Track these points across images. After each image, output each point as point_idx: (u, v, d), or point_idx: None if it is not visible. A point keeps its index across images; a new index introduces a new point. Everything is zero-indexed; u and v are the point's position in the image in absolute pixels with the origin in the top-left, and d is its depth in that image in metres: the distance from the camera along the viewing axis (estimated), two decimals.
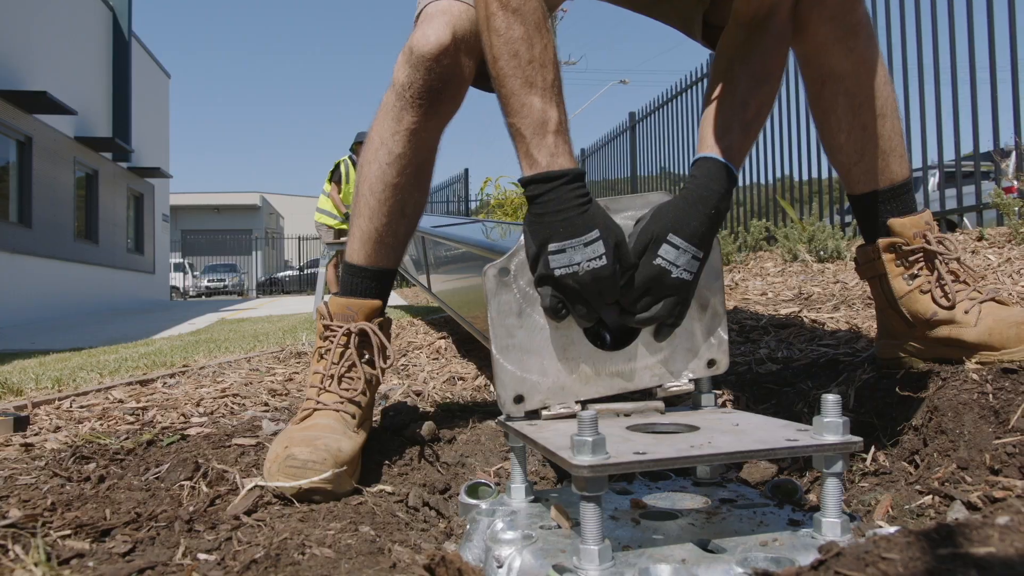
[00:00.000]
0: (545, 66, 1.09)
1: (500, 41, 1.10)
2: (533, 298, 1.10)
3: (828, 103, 1.39)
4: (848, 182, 1.44)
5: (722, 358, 1.19)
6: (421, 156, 1.43)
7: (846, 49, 1.34)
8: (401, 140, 1.41)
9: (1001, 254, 2.86)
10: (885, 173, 1.39)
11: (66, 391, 2.44)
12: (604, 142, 11.42)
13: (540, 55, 1.09)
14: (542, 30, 1.10)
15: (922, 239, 1.35)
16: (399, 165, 1.42)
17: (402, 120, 1.40)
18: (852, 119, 1.38)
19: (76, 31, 14.41)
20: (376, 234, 1.45)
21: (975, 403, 1.15)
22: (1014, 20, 4.27)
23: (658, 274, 1.08)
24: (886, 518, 1.03)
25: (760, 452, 0.91)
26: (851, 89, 1.36)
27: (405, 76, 1.38)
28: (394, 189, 1.44)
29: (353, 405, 1.35)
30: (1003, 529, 0.61)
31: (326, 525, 1.05)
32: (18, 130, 11.98)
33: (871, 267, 1.42)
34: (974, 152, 4.70)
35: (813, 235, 4.36)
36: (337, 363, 1.38)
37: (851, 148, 1.39)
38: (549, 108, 1.08)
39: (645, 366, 1.16)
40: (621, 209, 1.14)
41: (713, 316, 1.18)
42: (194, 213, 39.37)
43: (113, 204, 16.53)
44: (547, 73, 1.09)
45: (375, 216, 1.45)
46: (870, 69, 1.36)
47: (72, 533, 1.01)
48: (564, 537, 0.95)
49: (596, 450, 0.84)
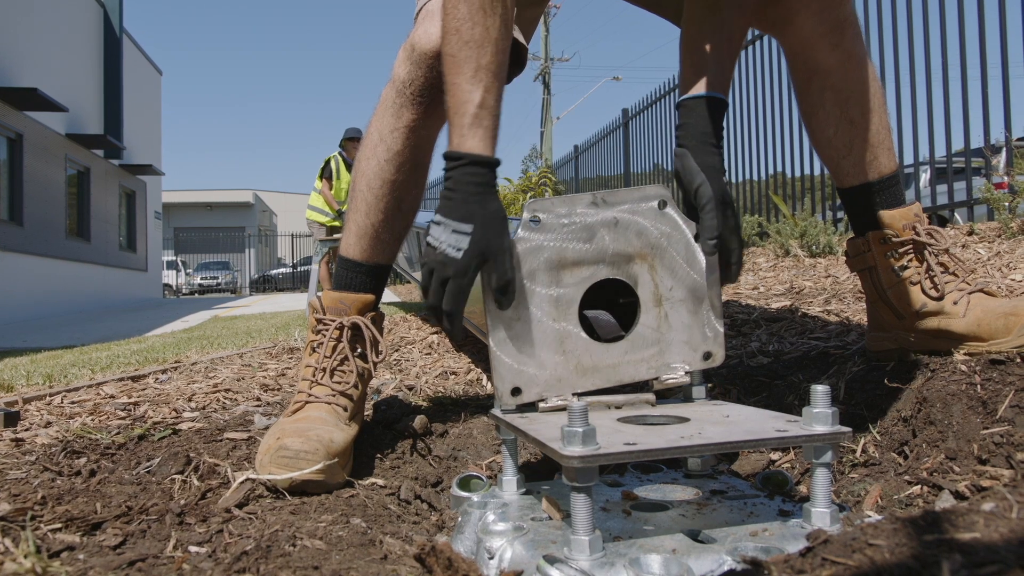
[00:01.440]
0: (482, 47, 1.10)
1: (448, 19, 1.13)
2: (530, 291, 1.11)
3: (816, 98, 1.40)
4: (837, 175, 1.44)
5: (718, 351, 1.20)
6: (420, 153, 1.44)
7: (832, 44, 1.34)
8: (400, 137, 1.41)
9: (991, 248, 2.88)
10: (874, 166, 1.40)
11: (57, 387, 2.43)
12: (597, 139, 11.41)
13: (480, 36, 1.11)
14: (486, 11, 1.11)
15: (911, 231, 1.36)
16: (398, 162, 1.42)
17: (402, 117, 1.40)
18: (840, 113, 1.38)
19: (67, 28, 14.33)
20: (372, 230, 1.45)
21: (963, 394, 1.16)
22: (1004, 17, 4.29)
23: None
24: (875, 508, 1.04)
25: (749, 442, 0.92)
26: (838, 84, 1.37)
27: (406, 73, 1.38)
28: (392, 185, 1.44)
29: (345, 398, 1.35)
30: (988, 515, 0.61)
31: (317, 517, 1.05)
32: (9, 127, 11.91)
33: (861, 259, 1.43)
34: (965, 148, 4.73)
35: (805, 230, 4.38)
36: (330, 356, 1.38)
37: (840, 142, 1.40)
38: (474, 90, 1.10)
39: (641, 358, 1.16)
40: (617, 202, 1.14)
41: (710, 309, 1.18)
42: (187, 210, 39.22)
43: (105, 201, 16.45)
44: (483, 55, 1.11)
45: (372, 212, 1.45)
46: (857, 64, 1.37)
47: (63, 526, 1.01)
48: (555, 528, 0.95)
49: (586, 441, 0.84)
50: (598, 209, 1.13)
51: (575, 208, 1.12)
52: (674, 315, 1.17)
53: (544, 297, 1.11)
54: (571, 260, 1.12)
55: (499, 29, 1.12)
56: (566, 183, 12.56)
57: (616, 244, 1.14)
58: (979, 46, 4.43)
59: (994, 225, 3.55)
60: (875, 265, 1.40)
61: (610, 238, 1.13)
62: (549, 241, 1.11)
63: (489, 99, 1.11)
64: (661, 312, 1.16)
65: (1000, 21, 4.29)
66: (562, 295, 1.12)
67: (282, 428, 1.26)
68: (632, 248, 1.15)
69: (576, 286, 1.13)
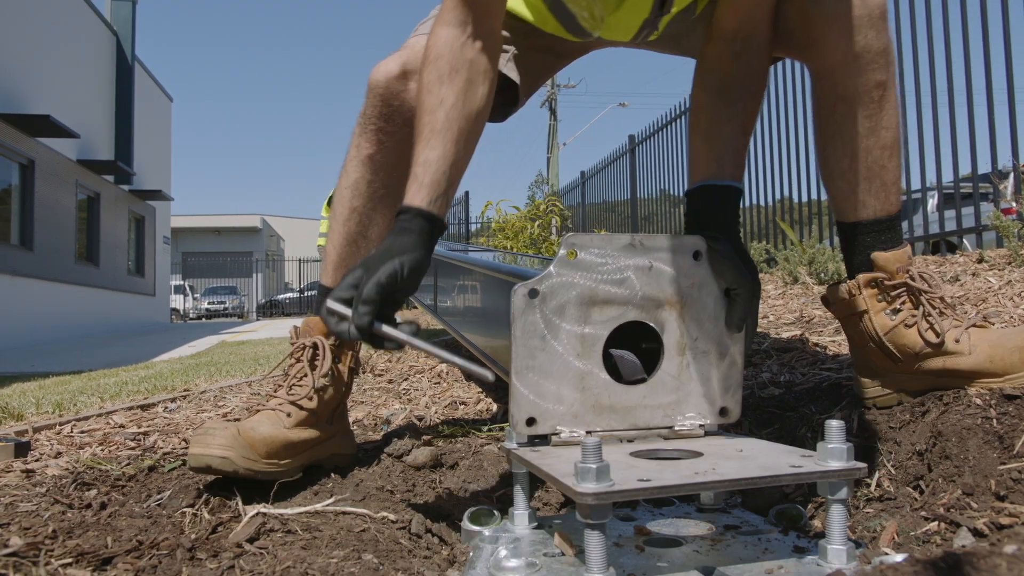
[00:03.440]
0: (435, 112, 1.22)
1: (419, 85, 1.26)
2: (556, 325, 1.11)
3: (838, 125, 1.35)
4: (842, 208, 1.39)
5: (734, 408, 1.19)
6: (379, 180, 1.51)
7: (863, 71, 1.29)
8: (358, 166, 1.51)
9: (1002, 276, 2.86)
10: (883, 203, 1.36)
11: (67, 416, 2.44)
12: (604, 164, 11.46)
13: (433, 104, 1.23)
14: (443, 80, 1.23)
15: (905, 274, 1.32)
16: (358, 189, 1.51)
17: (360, 147, 1.50)
18: (860, 144, 1.33)
19: (79, 56, 14.53)
20: (337, 257, 1.54)
21: (979, 428, 1.15)
22: (1009, 42, 4.31)
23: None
24: (892, 545, 1.02)
25: (764, 479, 0.91)
26: (863, 114, 1.32)
27: (363, 105, 1.49)
28: (353, 213, 1.52)
29: (293, 406, 1.44)
30: (1011, 558, 0.60)
31: (329, 553, 1.04)
32: (21, 153, 12.04)
33: (847, 304, 1.37)
34: (972, 173, 4.72)
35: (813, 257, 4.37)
36: (290, 374, 1.49)
37: (853, 174, 1.35)
38: (422, 151, 1.21)
39: (659, 405, 1.16)
40: (654, 247, 1.14)
41: (731, 365, 1.18)
42: (195, 235, 39.42)
43: (114, 227, 16.57)
44: (434, 119, 1.22)
45: (337, 240, 1.54)
46: (885, 96, 1.32)
47: (73, 561, 1.01)
48: (568, 565, 0.94)
49: (600, 477, 0.84)
50: (634, 251, 1.13)
51: (612, 248, 1.12)
52: (696, 366, 1.17)
53: (570, 332, 1.11)
54: (601, 299, 1.12)
55: (456, 95, 1.23)
56: (572, 209, 12.59)
57: (647, 288, 1.14)
58: (984, 70, 4.45)
59: (1003, 252, 3.53)
60: (867, 310, 1.35)
61: (642, 282, 1.13)
62: (582, 278, 1.11)
63: (432, 156, 1.20)
64: (684, 361, 1.16)
65: (1005, 45, 4.30)
66: (588, 333, 1.12)
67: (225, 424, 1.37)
68: (663, 294, 1.15)
69: (603, 325, 1.13)
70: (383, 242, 1.18)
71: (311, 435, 1.44)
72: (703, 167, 1.28)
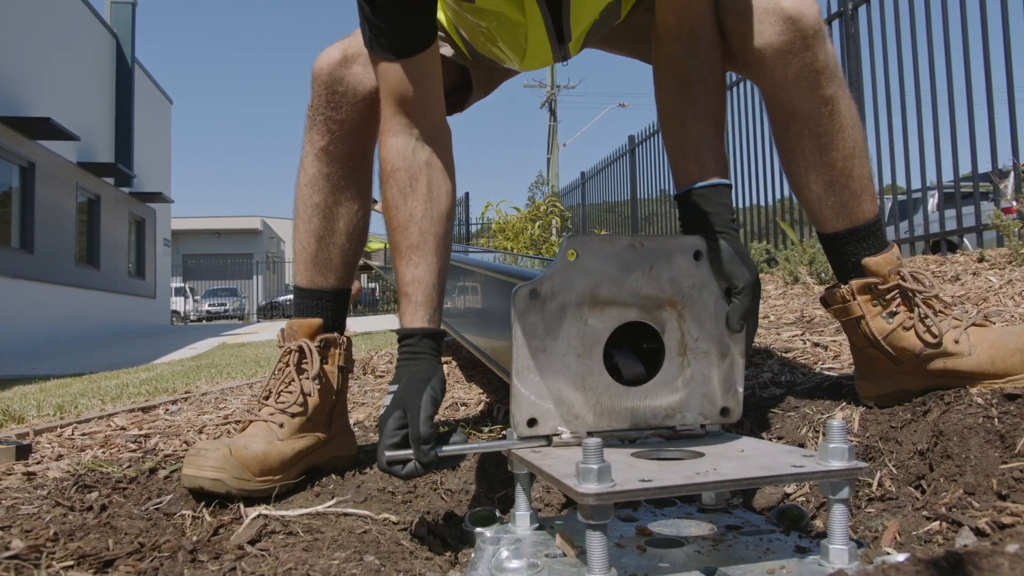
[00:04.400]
0: (407, 229, 1.24)
1: (383, 201, 1.28)
2: (556, 326, 1.11)
3: (794, 142, 1.35)
4: (818, 220, 1.40)
5: (735, 407, 1.19)
6: (337, 171, 1.49)
7: (807, 89, 1.30)
8: (314, 160, 1.49)
9: (1002, 275, 2.86)
10: (857, 212, 1.35)
11: (68, 418, 2.44)
12: (604, 165, 11.46)
13: (404, 220, 1.25)
14: (406, 194, 1.25)
15: (897, 276, 1.32)
16: (316, 185, 1.49)
17: (313, 140, 1.48)
18: (820, 158, 1.34)
19: (79, 58, 14.53)
20: (306, 254, 1.52)
21: (980, 427, 1.14)
22: (1009, 42, 4.31)
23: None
24: (894, 544, 1.02)
25: (766, 479, 0.91)
26: (816, 129, 1.32)
27: (310, 98, 1.47)
28: (315, 209, 1.50)
29: (284, 415, 1.42)
30: (1013, 558, 0.60)
31: (330, 555, 1.04)
32: (21, 156, 12.04)
33: (845, 309, 1.37)
34: (973, 173, 4.72)
35: (814, 257, 4.36)
36: (278, 379, 1.46)
37: (819, 188, 1.36)
38: (407, 269, 1.24)
39: (659, 405, 1.16)
40: (655, 247, 1.14)
41: (731, 365, 1.18)
42: (195, 237, 39.42)
43: (114, 229, 16.57)
44: (409, 236, 1.24)
45: (302, 237, 1.52)
46: (835, 110, 1.32)
47: (75, 564, 1.01)
48: (570, 566, 0.94)
49: (601, 478, 0.84)
50: (635, 252, 1.13)
51: (613, 248, 1.12)
52: (697, 366, 1.17)
53: (571, 333, 1.11)
54: (603, 299, 1.12)
55: (423, 205, 1.25)
56: (572, 209, 12.59)
57: (648, 288, 1.14)
58: (984, 69, 4.45)
59: (1004, 251, 3.53)
60: (863, 315, 1.35)
61: (643, 282, 1.13)
62: (583, 279, 1.11)
63: (420, 272, 1.23)
64: (684, 361, 1.16)
65: (1004, 44, 4.30)
66: (589, 333, 1.12)
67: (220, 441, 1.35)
68: (664, 294, 1.15)
69: (604, 325, 1.13)
70: (401, 372, 1.19)
71: (308, 442, 1.42)
72: (685, 171, 1.28)
